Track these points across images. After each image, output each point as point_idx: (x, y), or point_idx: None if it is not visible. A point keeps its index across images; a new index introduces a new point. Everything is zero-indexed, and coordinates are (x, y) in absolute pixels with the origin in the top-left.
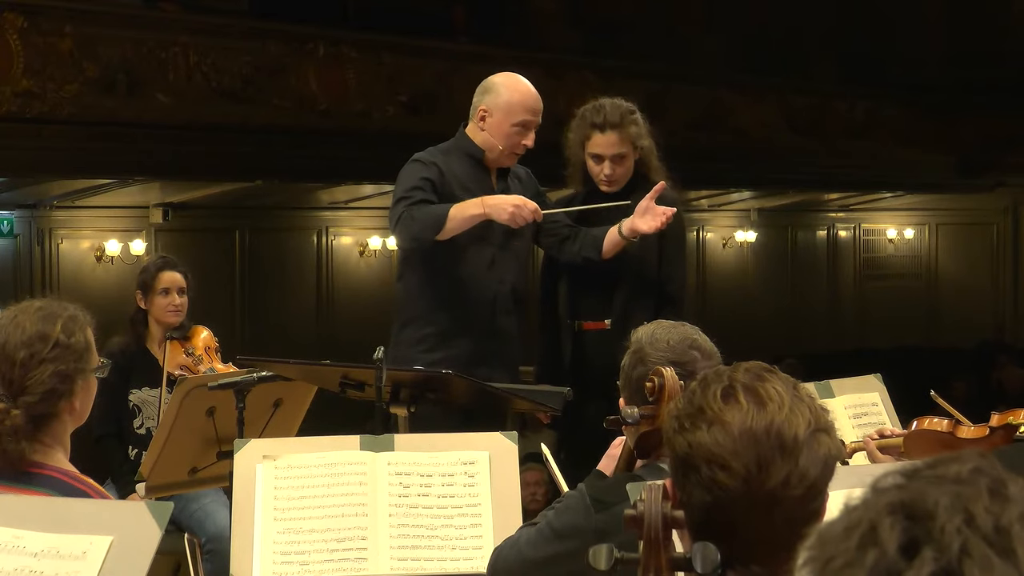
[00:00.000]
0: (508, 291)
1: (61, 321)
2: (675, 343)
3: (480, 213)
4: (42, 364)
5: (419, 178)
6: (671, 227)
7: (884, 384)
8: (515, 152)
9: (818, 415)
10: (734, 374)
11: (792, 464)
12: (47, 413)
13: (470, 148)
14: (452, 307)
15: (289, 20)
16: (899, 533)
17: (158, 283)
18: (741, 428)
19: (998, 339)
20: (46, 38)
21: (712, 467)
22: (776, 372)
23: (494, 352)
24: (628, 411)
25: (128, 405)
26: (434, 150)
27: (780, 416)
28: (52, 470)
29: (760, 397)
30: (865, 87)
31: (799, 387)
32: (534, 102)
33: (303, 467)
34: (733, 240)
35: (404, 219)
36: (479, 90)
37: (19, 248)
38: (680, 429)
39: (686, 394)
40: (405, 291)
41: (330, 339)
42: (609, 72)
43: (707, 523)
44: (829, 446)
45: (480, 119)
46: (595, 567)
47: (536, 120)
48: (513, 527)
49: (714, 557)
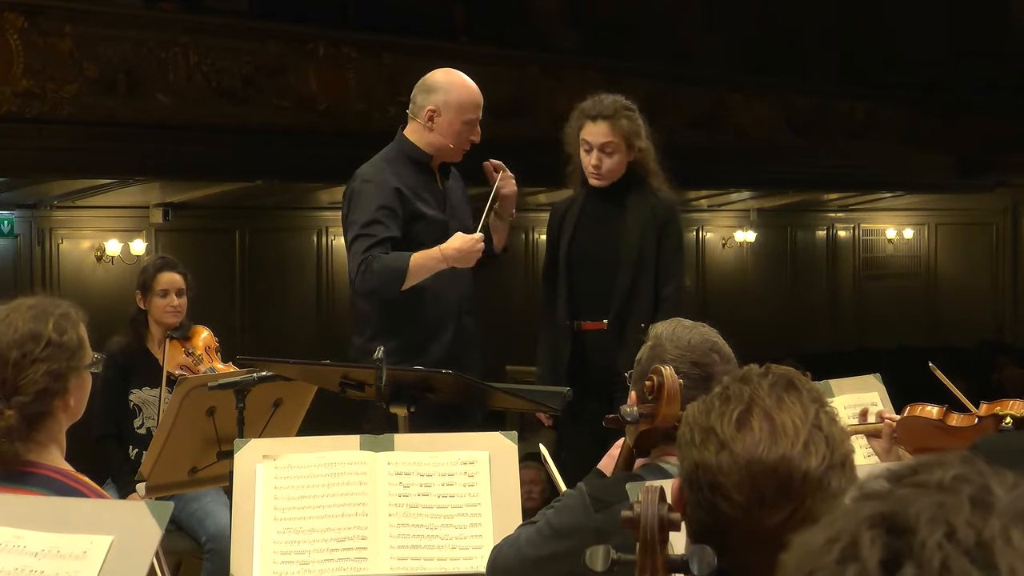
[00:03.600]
0: (469, 291)
1: (53, 319)
2: (696, 343)
3: (442, 267)
4: (35, 364)
5: (376, 208)
6: (669, 227)
7: (884, 384)
8: (463, 149)
9: (835, 447)
10: (757, 391)
11: (797, 503)
12: (41, 412)
13: (413, 152)
14: (422, 315)
15: (289, 20)
16: (880, 548)
17: (156, 284)
18: (749, 459)
19: (997, 339)
20: (46, 38)
21: (715, 493)
22: (802, 390)
23: (462, 354)
24: (627, 410)
25: (128, 405)
26: (379, 162)
27: (793, 451)
28: (47, 469)
29: (775, 427)
30: (865, 87)
31: (823, 410)
32: (480, 97)
33: (303, 467)
34: (733, 240)
35: (364, 273)
36: (421, 89)
37: (19, 248)
38: (691, 443)
39: (707, 402)
40: (371, 304)
41: (330, 339)
42: (609, 72)
43: (704, 536)
44: (841, 482)
45: (428, 119)
46: (592, 568)
47: (479, 116)
48: (513, 527)
49: (711, 561)
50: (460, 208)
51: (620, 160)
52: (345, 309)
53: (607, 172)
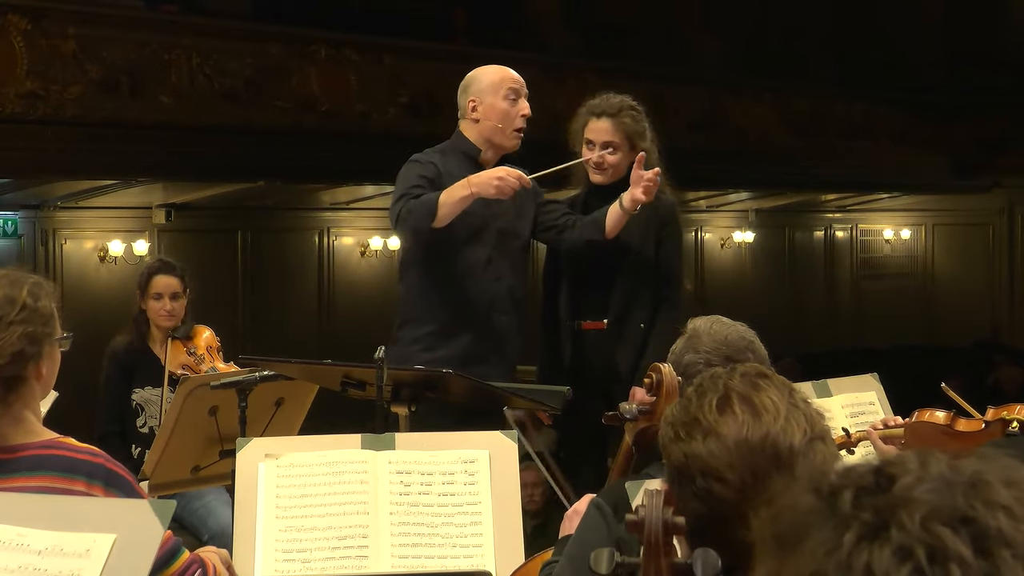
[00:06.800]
0: (504, 291)
1: (27, 286)
2: (733, 339)
3: (468, 194)
4: (11, 326)
5: (417, 176)
6: (668, 228)
7: (881, 383)
8: (516, 128)
9: (814, 422)
10: (730, 381)
11: (788, 475)
12: (16, 376)
13: (466, 147)
14: (449, 307)
15: (290, 22)
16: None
17: (151, 288)
18: (736, 439)
19: (994, 339)
20: (50, 40)
21: (708, 479)
22: (772, 377)
23: (490, 351)
24: (626, 407)
25: (131, 404)
26: (431, 151)
27: (775, 427)
28: (32, 448)
29: (755, 407)
30: (863, 89)
31: (795, 392)
32: (511, 72)
33: (305, 466)
34: (731, 240)
35: (402, 215)
36: (460, 90)
37: (23, 248)
38: (676, 438)
39: (682, 401)
40: (405, 291)
41: (331, 339)
42: (609, 73)
43: (703, 532)
44: (825, 454)
45: (471, 110)
46: (596, 571)
47: (523, 89)
48: (513, 526)
49: (715, 563)
50: (509, 209)
51: (622, 159)
52: (346, 309)
53: (608, 170)
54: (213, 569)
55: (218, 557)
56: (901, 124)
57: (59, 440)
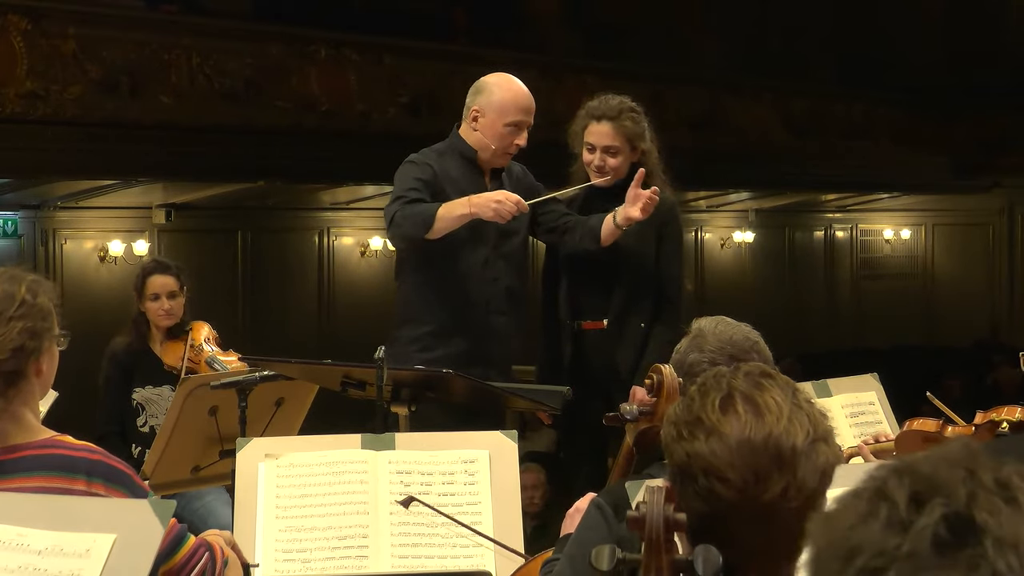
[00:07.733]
0: (502, 291)
1: (25, 283)
2: (738, 340)
3: (467, 212)
4: (10, 322)
5: (413, 179)
6: (668, 228)
7: (881, 383)
8: (507, 152)
9: (817, 423)
10: (733, 381)
11: (790, 476)
12: (16, 371)
13: (463, 149)
14: (446, 307)
15: (290, 22)
16: (907, 487)
17: (147, 288)
18: (739, 439)
19: (994, 339)
20: (50, 40)
21: (710, 478)
22: (775, 377)
23: (488, 352)
24: (627, 408)
25: (131, 403)
26: (429, 151)
27: (778, 427)
28: (32, 448)
29: (758, 407)
30: (863, 89)
31: (798, 392)
32: (527, 102)
33: (305, 465)
34: (731, 240)
35: (396, 219)
36: (472, 91)
37: (23, 249)
38: (678, 438)
39: (685, 400)
40: (403, 292)
41: (331, 339)
42: (609, 74)
43: (705, 531)
44: (827, 455)
45: (472, 119)
46: (597, 567)
47: (528, 120)
48: (513, 525)
49: (716, 560)
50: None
51: (623, 161)
52: (346, 309)
53: (609, 172)
54: (220, 551)
55: (223, 539)
56: (901, 124)
57: (56, 439)
